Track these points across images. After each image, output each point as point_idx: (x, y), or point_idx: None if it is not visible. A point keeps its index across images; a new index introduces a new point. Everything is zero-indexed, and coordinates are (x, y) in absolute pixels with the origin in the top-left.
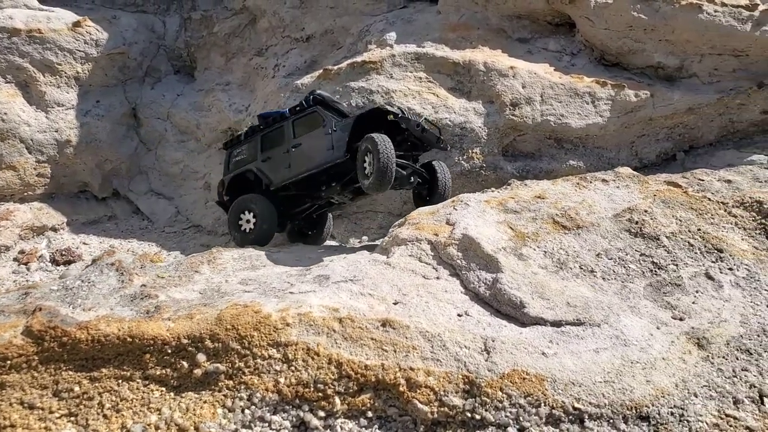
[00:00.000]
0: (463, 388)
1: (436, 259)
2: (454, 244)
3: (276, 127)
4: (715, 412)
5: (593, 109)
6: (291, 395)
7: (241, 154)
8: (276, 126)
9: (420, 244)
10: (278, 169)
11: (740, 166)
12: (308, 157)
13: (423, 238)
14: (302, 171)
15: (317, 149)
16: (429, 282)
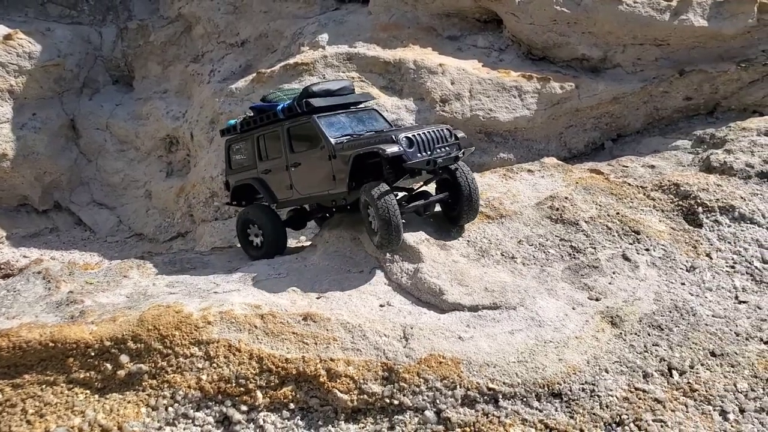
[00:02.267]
0: (382, 375)
1: (361, 253)
2: None
3: (271, 130)
4: (626, 386)
5: (520, 103)
6: (213, 391)
7: (240, 152)
8: (271, 128)
9: (343, 242)
10: (280, 186)
11: (665, 151)
12: (310, 182)
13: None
14: (305, 195)
15: (318, 176)
16: (351, 275)
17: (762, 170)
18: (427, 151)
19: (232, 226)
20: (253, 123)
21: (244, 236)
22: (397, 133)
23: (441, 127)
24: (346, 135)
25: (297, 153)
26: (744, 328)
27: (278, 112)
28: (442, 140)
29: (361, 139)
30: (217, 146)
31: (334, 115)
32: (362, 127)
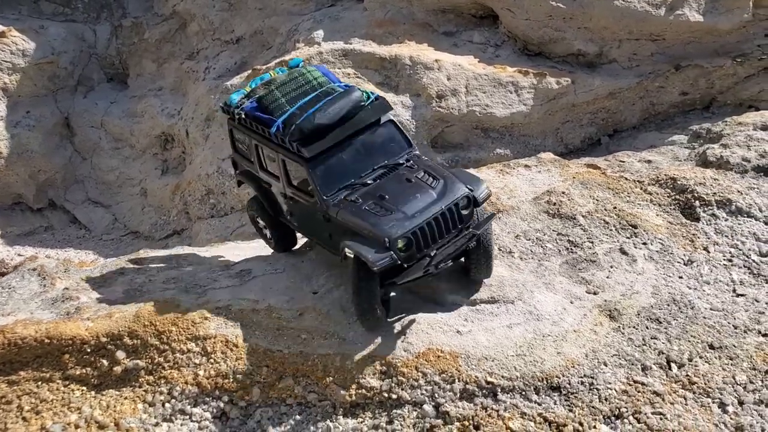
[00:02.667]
0: (380, 370)
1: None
2: None
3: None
4: (624, 379)
5: (517, 98)
6: (211, 387)
7: (242, 143)
8: (268, 144)
9: None
10: (280, 207)
11: (662, 146)
12: (308, 226)
13: None
14: (303, 231)
15: (316, 226)
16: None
17: (758, 164)
18: (431, 243)
19: (228, 223)
20: (248, 126)
21: (257, 227)
22: (393, 228)
23: (458, 195)
24: (346, 185)
25: (293, 189)
26: (742, 320)
27: (271, 135)
28: (453, 221)
29: (358, 211)
30: (212, 143)
31: (334, 155)
32: (372, 160)
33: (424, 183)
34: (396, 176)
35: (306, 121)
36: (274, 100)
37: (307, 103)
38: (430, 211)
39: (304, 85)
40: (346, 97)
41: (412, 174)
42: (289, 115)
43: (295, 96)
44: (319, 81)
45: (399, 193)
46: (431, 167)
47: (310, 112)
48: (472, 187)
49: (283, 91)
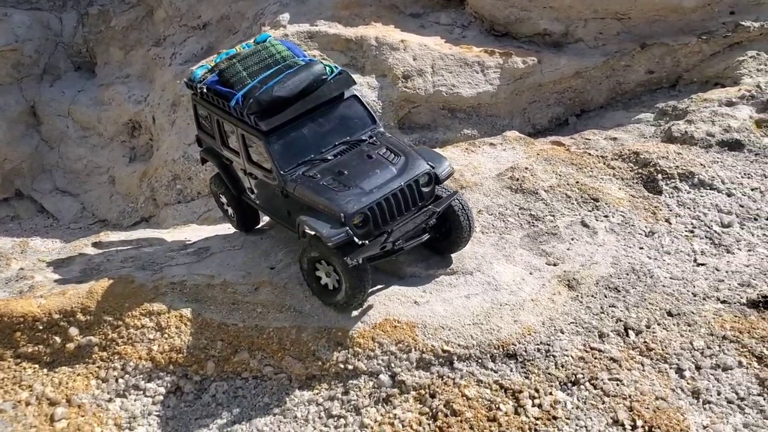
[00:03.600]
0: (336, 341)
1: None
2: None
3: (226, 119)
4: (581, 346)
5: (483, 78)
6: (165, 362)
7: (205, 118)
8: (226, 116)
9: None
10: (241, 184)
11: (628, 125)
12: (267, 203)
13: None
14: (263, 208)
15: (274, 203)
16: None
17: (722, 139)
18: (390, 220)
19: (194, 208)
20: (210, 101)
21: (220, 205)
22: (349, 204)
23: (419, 171)
24: (305, 161)
25: (253, 166)
26: (701, 288)
27: (231, 108)
28: (413, 198)
29: (316, 187)
30: (178, 129)
31: (293, 130)
32: (333, 136)
33: (384, 159)
34: (357, 152)
35: (264, 93)
36: (235, 73)
37: (268, 76)
38: (389, 187)
39: (267, 58)
40: (306, 70)
41: (373, 150)
42: (249, 88)
43: (257, 69)
44: (283, 55)
45: (358, 169)
46: (394, 144)
47: (269, 85)
48: (433, 164)
49: (244, 65)
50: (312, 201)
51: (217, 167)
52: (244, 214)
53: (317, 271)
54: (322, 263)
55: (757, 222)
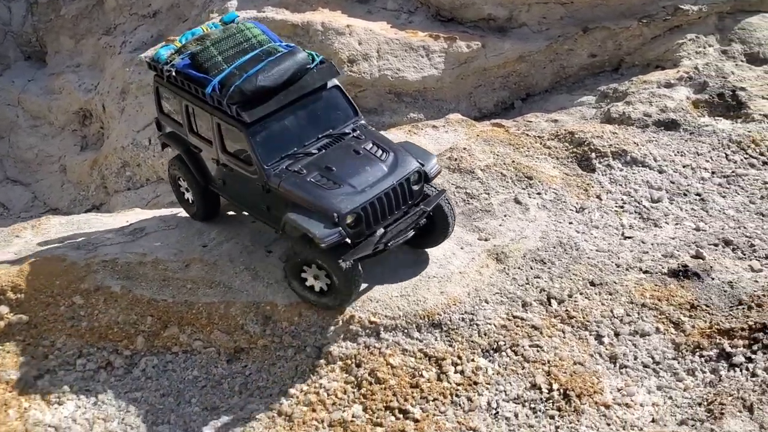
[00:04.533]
0: (264, 315)
1: None
2: None
3: (200, 107)
4: (504, 315)
5: (428, 62)
6: (95, 338)
7: (169, 102)
8: (200, 105)
9: None
10: (212, 174)
11: (571, 108)
12: (241, 196)
13: None
14: (237, 203)
15: (251, 196)
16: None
17: (659, 119)
18: (381, 219)
19: (144, 194)
20: (178, 85)
21: (177, 190)
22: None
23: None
24: (288, 154)
25: (228, 156)
26: (625, 260)
27: (207, 95)
28: (404, 197)
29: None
30: (127, 116)
31: (276, 121)
32: (316, 128)
33: (373, 155)
34: (343, 147)
35: (247, 82)
36: (209, 57)
37: (246, 62)
38: (381, 185)
39: (243, 42)
40: (290, 58)
41: (359, 145)
42: (226, 74)
43: (233, 54)
44: (259, 39)
45: (347, 165)
46: (380, 139)
47: (252, 72)
48: (423, 162)
49: (219, 48)
50: (300, 199)
51: (182, 153)
52: (208, 203)
53: (303, 273)
54: (311, 266)
55: (687, 197)
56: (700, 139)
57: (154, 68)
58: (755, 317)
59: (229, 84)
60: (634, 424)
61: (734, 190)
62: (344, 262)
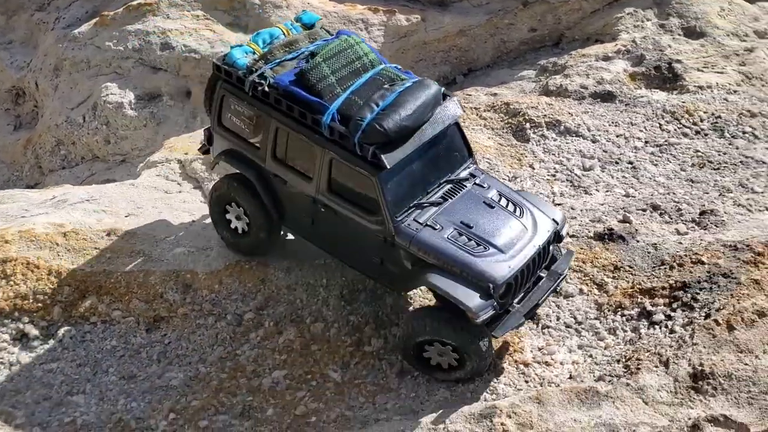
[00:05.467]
0: (184, 284)
1: (183, 176)
2: (200, 159)
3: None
4: None
5: (367, 36)
6: (9, 309)
7: (241, 117)
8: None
9: (170, 164)
10: (295, 211)
11: (511, 82)
12: (341, 244)
13: (173, 158)
14: (328, 247)
15: (358, 246)
16: (170, 195)
17: (595, 91)
18: (524, 287)
19: (78, 173)
20: (275, 101)
21: (219, 215)
22: (496, 271)
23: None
24: (415, 204)
25: (336, 199)
26: None
27: (323, 125)
28: (542, 261)
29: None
30: (61, 93)
31: (407, 167)
32: (437, 173)
33: (509, 212)
34: (470, 197)
35: (388, 119)
36: (322, 77)
37: (363, 87)
38: (528, 249)
39: (355, 61)
40: (425, 90)
41: (487, 195)
42: (344, 101)
43: (346, 75)
44: (371, 58)
45: (486, 222)
46: (503, 187)
47: (385, 105)
48: (555, 219)
49: (331, 67)
50: (441, 260)
51: (251, 178)
52: (269, 239)
53: (426, 353)
54: (434, 344)
55: (618, 165)
56: (635, 110)
57: (225, 72)
58: (676, 276)
59: (351, 114)
60: (552, 380)
61: (666, 158)
62: (498, 334)
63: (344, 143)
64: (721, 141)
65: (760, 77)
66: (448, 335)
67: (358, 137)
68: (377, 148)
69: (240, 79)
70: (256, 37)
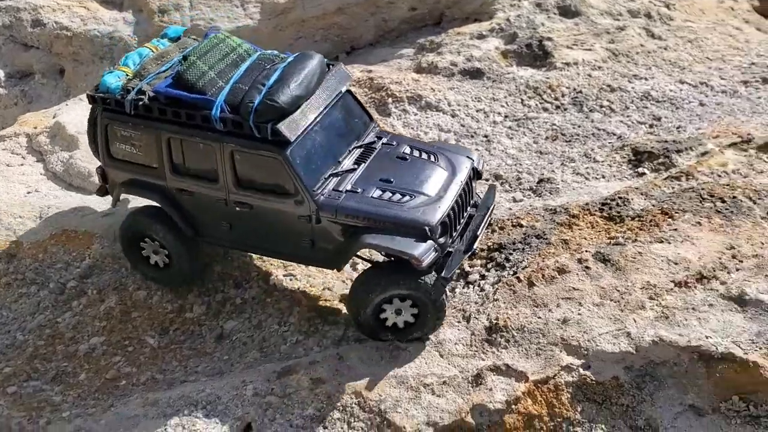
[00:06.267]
0: (8, 253)
1: (28, 149)
2: (45, 132)
3: (198, 138)
4: None
5: (243, 12)
6: None
7: (130, 143)
8: (197, 135)
9: (18, 138)
10: (210, 220)
11: (391, 60)
12: (266, 236)
13: (21, 132)
14: (253, 245)
15: (281, 235)
16: (11, 168)
17: (464, 68)
18: (457, 227)
19: None
20: (159, 112)
21: (134, 254)
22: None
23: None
24: (330, 174)
25: (248, 192)
26: None
27: (213, 118)
28: (469, 198)
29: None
30: None
31: (311, 138)
32: (343, 140)
33: (422, 159)
34: (384, 156)
35: (279, 93)
36: (201, 74)
37: (246, 75)
38: (452, 188)
39: (230, 53)
40: (308, 61)
41: (399, 151)
42: (230, 91)
43: (225, 68)
44: (245, 48)
45: (404, 173)
46: (413, 141)
47: (272, 83)
48: (470, 156)
49: (208, 63)
50: (371, 219)
51: (158, 203)
52: (192, 259)
53: (383, 313)
54: (392, 301)
55: (473, 139)
56: (500, 86)
57: (102, 101)
58: (495, 239)
59: (239, 102)
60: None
61: (522, 132)
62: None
63: (240, 131)
64: (578, 115)
65: (626, 53)
66: (406, 284)
67: (253, 119)
68: (275, 124)
69: (119, 103)
70: (126, 60)
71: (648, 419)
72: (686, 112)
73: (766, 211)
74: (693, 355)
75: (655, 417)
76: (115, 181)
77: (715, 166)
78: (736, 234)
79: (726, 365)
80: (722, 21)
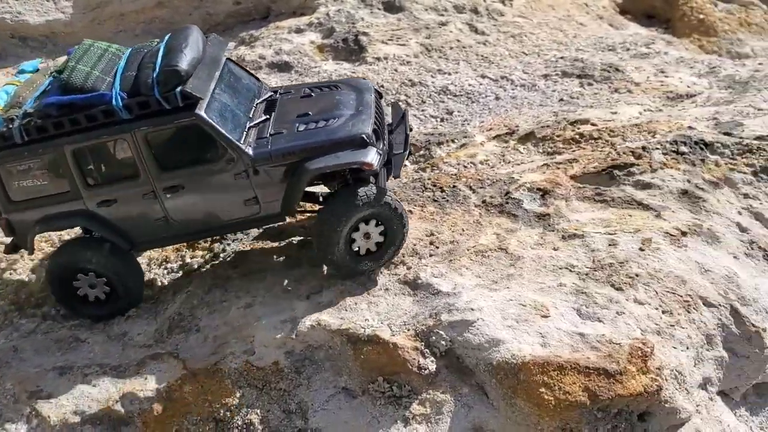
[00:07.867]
0: None
1: None
2: None
3: (102, 138)
4: None
5: (54, 6)
6: None
7: (30, 176)
8: (100, 135)
9: None
10: (142, 222)
11: None
12: (208, 211)
13: None
14: (197, 228)
15: (223, 204)
16: None
17: (272, 61)
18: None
19: None
20: (54, 128)
21: (70, 295)
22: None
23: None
24: (240, 126)
25: (174, 174)
26: None
27: (117, 109)
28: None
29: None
30: None
31: (219, 98)
32: (244, 99)
33: (326, 91)
34: (287, 101)
35: (175, 60)
36: (86, 75)
37: (129, 64)
38: (366, 101)
39: (105, 53)
40: (185, 31)
41: (300, 93)
42: (121, 81)
43: (106, 65)
44: (116, 47)
45: (317, 104)
46: (308, 84)
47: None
48: (365, 79)
49: (89, 64)
50: (309, 149)
51: (83, 228)
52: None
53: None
54: (358, 228)
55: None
56: (305, 79)
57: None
58: None
59: (134, 87)
60: None
61: None
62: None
63: (148, 111)
64: None
65: (440, 49)
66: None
67: (158, 91)
68: (182, 91)
69: (5, 137)
70: (1, 91)
71: (300, 402)
72: (480, 106)
73: (482, 199)
74: (343, 337)
75: (306, 400)
76: (25, 227)
77: (463, 157)
78: (443, 221)
79: (371, 347)
80: (568, 17)
